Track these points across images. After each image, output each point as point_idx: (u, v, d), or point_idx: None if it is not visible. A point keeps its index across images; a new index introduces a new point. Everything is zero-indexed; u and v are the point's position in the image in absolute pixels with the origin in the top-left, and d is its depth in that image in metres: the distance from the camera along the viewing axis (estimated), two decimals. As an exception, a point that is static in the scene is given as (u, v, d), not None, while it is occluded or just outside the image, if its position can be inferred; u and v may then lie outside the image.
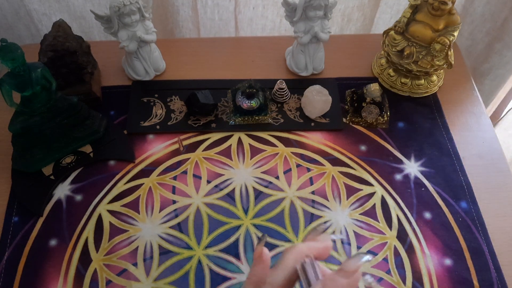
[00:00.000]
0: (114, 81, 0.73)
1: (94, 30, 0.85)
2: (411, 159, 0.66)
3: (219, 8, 0.86)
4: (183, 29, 0.89)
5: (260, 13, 0.87)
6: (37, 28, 0.83)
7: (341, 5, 0.88)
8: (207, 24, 0.89)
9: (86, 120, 0.64)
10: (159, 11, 0.84)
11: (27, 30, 0.83)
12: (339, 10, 0.90)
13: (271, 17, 0.88)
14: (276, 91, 0.70)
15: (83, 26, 0.84)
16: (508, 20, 0.85)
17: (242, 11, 0.86)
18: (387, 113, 0.70)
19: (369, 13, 0.91)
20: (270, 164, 0.65)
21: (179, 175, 0.64)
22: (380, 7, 0.90)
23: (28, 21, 0.81)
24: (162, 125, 0.68)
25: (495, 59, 0.92)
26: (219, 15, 0.88)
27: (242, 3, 0.85)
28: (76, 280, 0.55)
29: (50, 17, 0.81)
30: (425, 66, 0.68)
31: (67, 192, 0.62)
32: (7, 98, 0.56)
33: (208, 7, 0.86)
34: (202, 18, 0.88)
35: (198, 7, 0.85)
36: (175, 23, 0.87)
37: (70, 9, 0.81)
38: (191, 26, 0.89)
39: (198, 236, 0.58)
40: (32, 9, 0.80)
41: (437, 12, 0.65)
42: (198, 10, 0.86)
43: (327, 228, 0.39)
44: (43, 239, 0.58)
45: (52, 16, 0.81)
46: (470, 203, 0.62)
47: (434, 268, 0.57)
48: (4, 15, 0.79)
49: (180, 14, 0.85)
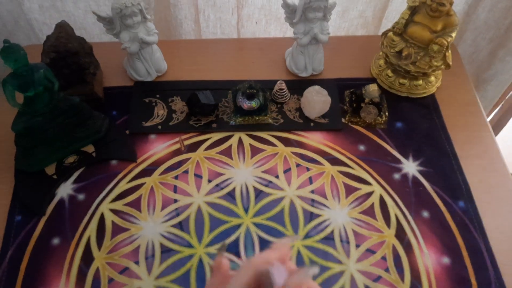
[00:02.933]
0: (116, 81, 0.74)
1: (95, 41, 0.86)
2: (409, 158, 0.67)
3: (221, 22, 0.86)
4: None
5: (263, 28, 0.87)
6: (38, 37, 0.83)
7: (345, 23, 0.89)
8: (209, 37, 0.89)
9: (88, 120, 0.64)
10: (161, 24, 0.84)
11: (27, 40, 0.83)
12: (343, 28, 0.91)
13: (273, 33, 0.88)
14: (276, 91, 0.71)
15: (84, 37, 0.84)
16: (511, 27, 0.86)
17: (245, 25, 0.86)
18: (385, 113, 0.70)
19: (372, 30, 0.92)
20: (270, 163, 0.66)
21: (180, 174, 0.64)
22: (382, 23, 0.90)
23: (28, 30, 0.81)
24: (163, 125, 0.68)
25: (499, 66, 0.92)
26: (221, 29, 0.87)
27: (245, 17, 0.85)
28: (79, 279, 0.55)
29: (51, 26, 0.81)
30: (423, 67, 0.69)
31: (70, 191, 0.62)
32: (10, 99, 0.56)
33: (210, 21, 0.86)
34: (205, 32, 0.88)
35: (201, 21, 0.85)
36: (178, 36, 0.88)
37: (70, 19, 0.81)
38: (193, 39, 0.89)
39: (199, 235, 0.59)
40: (32, 18, 0.80)
41: (435, 14, 0.66)
42: (200, 23, 0.86)
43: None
44: (45, 238, 0.58)
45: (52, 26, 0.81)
46: (468, 202, 0.63)
47: (432, 266, 0.58)
48: (3, 23, 0.79)
49: (183, 27, 0.86)
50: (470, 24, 0.90)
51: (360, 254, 0.58)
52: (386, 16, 0.90)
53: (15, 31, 0.81)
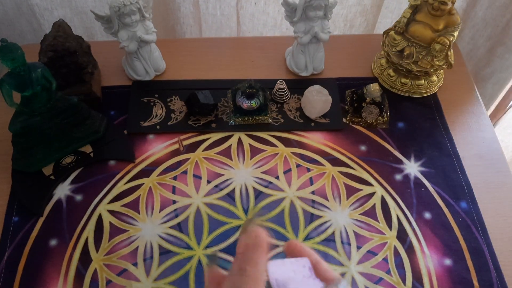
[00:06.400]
0: (114, 81, 0.73)
1: (96, 25, 0.85)
2: (411, 159, 0.66)
3: (221, 3, 0.86)
4: (184, 25, 0.89)
5: (262, 9, 0.87)
6: (39, 23, 0.83)
7: (343, 10, 0.88)
8: (208, 19, 0.89)
9: (86, 120, 0.64)
10: (160, 8, 0.84)
11: (29, 25, 0.83)
12: (341, 15, 0.90)
13: (272, 14, 0.88)
14: (276, 91, 0.70)
15: (85, 21, 0.84)
16: (510, 24, 0.85)
17: (244, 6, 0.86)
18: (387, 113, 0.70)
19: (371, 19, 0.91)
20: (270, 164, 0.65)
21: (179, 175, 0.64)
22: (382, 12, 0.90)
23: (30, 16, 0.81)
24: (162, 125, 0.68)
25: (497, 63, 0.92)
26: (221, 10, 0.87)
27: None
28: (76, 280, 0.55)
29: (52, 12, 0.81)
30: (425, 66, 0.68)
31: (67, 192, 0.62)
32: (7, 98, 0.56)
33: (210, 2, 0.86)
34: (204, 14, 0.88)
35: (200, 3, 0.85)
36: (176, 20, 0.87)
37: (71, 4, 0.81)
38: (192, 22, 0.89)
39: (198, 236, 0.58)
40: (33, 4, 0.79)
41: (437, 12, 0.65)
42: (199, 5, 0.86)
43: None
44: (43, 239, 0.58)
45: (54, 11, 0.81)
46: (470, 203, 0.62)
47: (434, 268, 0.57)
48: (5, 10, 0.79)
49: (181, 10, 0.85)
50: (468, 21, 0.90)
51: (361, 256, 0.58)
52: (387, 6, 0.89)
53: (17, 17, 0.81)
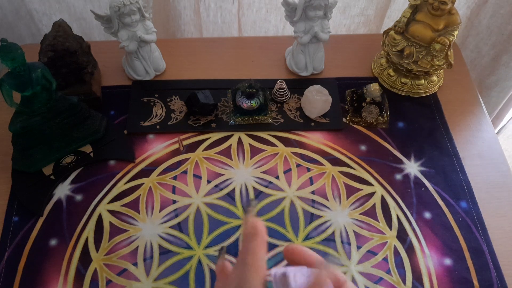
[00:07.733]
0: (114, 81, 0.73)
1: (94, 31, 0.85)
2: (411, 159, 0.66)
3: (222, 11, 0.86)
4: (185, 33, 0.89)
5: (264, 17, 0.87)
6: (38, 27, 0.83)
7: (346, 20, 0.88)
8: (209, 27, 0.89)
9: (86, 120, 0.64)
10: (160, 15, 0.84)
11: (27, 30, 0.83)
12: (344, 25, 0.90)
13: (274, 22, 0.88)
14: (276, 91, 0.70)
15: (83, 27, 0.84)
16: None
17: (245, 13, 0.86)
18: (387, 113, 0.70)
19: (374, 29, 0.91)
20: (270, 164, 0.65)
21: (179, 175, 0.64)
22: (384, 22, 0.90)
23: (29, 20, 0.81)
24: (162, 125, 0.68)
25: (502, 71, 0.91)
26: (222, 18, 0.87)
27: (245, 5, 0.85)
28: (76, 280, 0.55)
29: (51, 17, 0.81)
30: (425, 66, 0.68)
31: (67, 192, 0.62)
32: (7, 98, 0.56)
33: (211, 10, 0.86)
34: (205, 21, 0.88)
35: (201, 10, 0.85)
36: (177, 27, 0.87)
37: (70, 10, 0.81)
38: (193, 30, 0.89)
39: (198, 236, 0.58)
40: (32, 8, 0.80)
41: (437, 12, 0.65)
42: (200, 13, 0.86)
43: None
44: (43, 239, 0.58)
45: (52, 16, 0.81)
46: (470, 203, 0.62)
47: (434, 268, 0.57)
48: (4, 14, 0.79)
49: (182, 18, 0.85)
50: (472, 29, 0.89)
51: (361, 256, 0.58)
52: (389, 15, 0.89)
53: (15, 21, 0.81)
